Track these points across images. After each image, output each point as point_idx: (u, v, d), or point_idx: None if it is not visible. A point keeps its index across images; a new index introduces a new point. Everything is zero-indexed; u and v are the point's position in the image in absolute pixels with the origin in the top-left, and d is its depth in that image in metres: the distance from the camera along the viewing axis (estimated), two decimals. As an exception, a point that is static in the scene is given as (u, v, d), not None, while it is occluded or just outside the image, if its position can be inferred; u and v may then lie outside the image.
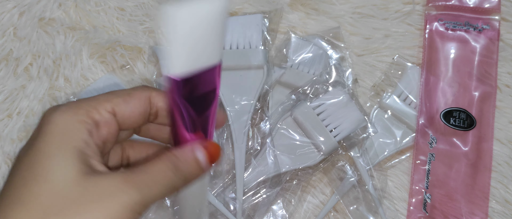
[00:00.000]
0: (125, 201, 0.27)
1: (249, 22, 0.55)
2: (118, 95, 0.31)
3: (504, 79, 0.57)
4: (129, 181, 0.28)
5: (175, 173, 0.29)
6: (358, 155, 0.54)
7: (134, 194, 0.27)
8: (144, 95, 0.32)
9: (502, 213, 0.54)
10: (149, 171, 0.29)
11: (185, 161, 0.30)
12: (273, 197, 0.53)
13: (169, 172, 0.29)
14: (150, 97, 0.32)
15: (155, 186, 0.28)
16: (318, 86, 0.54)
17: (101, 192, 0.27)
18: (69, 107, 0.30)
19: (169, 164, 0.30)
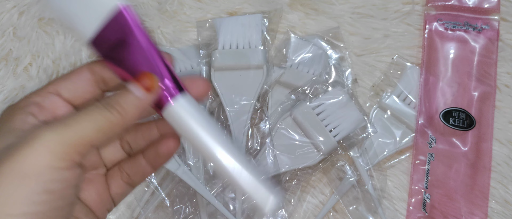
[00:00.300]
0: (43, 143, 0.26)
1: (248, 22, 0.55)
2: (60, 77, 0.31)
3: (503, 79, 0.57)
4: (49, 124, 0.27)
5: (105, 109, 0.28)
6: (358, 155, 0.54)
7: (51, 135, 0.26)
8: (83, 68, 0.32)
9: (502, 213, 0.54)
10: (72, 114, 0.28)
11: (116, 94, 0.29)
12: (272, 197, 0.53)
13: (95, 110, 0.28)
14: (90, 68, 0.32)
15: (76, 125, 0.27)
16: (317, 86, 0.54)
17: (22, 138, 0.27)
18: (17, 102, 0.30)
19: (96, 103, 0.29)
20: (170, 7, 0.58)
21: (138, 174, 0.35)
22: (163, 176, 0.54)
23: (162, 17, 0.58)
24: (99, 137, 0.28)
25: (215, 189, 0.53)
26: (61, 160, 0.26)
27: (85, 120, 0.28)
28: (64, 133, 0.27)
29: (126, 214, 0.54)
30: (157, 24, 0.58)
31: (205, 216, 0.53)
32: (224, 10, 0.58)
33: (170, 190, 0.54)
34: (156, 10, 0.58)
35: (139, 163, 0.34)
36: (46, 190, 0.26)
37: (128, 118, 0.29)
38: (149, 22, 0.58)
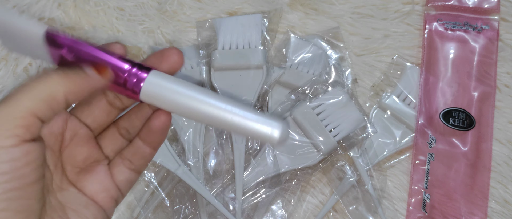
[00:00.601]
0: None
1: (248, 22, 0.55)
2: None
3: (503, 79, 0.57)
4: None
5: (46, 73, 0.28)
6: (358, 155, 0.54)
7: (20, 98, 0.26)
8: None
9: (501, 213, 0.54)
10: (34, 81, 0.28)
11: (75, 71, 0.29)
12: (272, 197, 0.53)
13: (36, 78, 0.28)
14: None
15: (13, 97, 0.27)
16: (317, 86, 0.54)
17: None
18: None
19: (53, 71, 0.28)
20: (170, 7, 0.58)
21: (138, 157, 0.34)
22: (163, 176, 0.54)
23: (162, 17, 0.58)
24: (41, 107, 0.27)
25: (215, 189, 0.53)
26: (5, 138, 0.26)
27: (22, 91, 0.27)
28: (1, 109, 0.26)
29: (126, 214, 0.54)
30: (157, 24, 0.58)
31: (205, 216, 0.53)
32: (224, 10, 0.58)
33: (170, 190, 0.54)
34: (156, 10, 0.58)
35: (137, 146, 0.34)
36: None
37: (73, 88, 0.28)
38: (149, 22, 0.58)
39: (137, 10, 0.58)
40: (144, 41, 0.57)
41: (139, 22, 0.58)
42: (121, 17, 0.58)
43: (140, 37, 0.58)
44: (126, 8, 0.58)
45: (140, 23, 0.58)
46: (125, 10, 0.58)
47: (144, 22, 0.58)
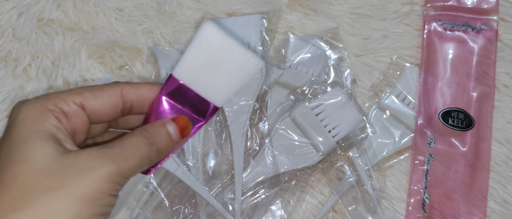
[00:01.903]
0: (103, 173, 0.28)
1: (247, 23, 0.55)
2: (89, 90, 0.32)
3: (502, 79, 0.57)
4: (105, 155, 0.29)
5: (149, 146, 0.31)
6: (357, 156, 0.54)
7: (111, 166, 0.29)
8: (115, 90, 0.33)
9: (501, 213, 0.54)
10: (123, 145, 0.30)
11: (157, 133, 0.32)
12: (271, 197, 0.53)
13: (142, 145, 0.31)
14: (122, 91, 0.33)
15: (130, 158, 0.30)
16: (316, 87, 0.54)
17: (80, 166, 0.28)
18: (38, 99, 0.31)
19: (142, 138, 0.31)
20: (169, 8, 0.58)
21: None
22: (162, 176, 0.54)
23: (161, 17, 0.58)
24: (138, 170, 0.31)
25: (214, 190, 0.53)
26: (116, 188, 0.29)
27: (136, 155, 0.30)
28: (122, 166, 0.29)
29: (125, 214, 0.54)
30: (156, 25, 0.58)
31: (204, 217, 0.53)
32: (223, 10, 0.58)
33: (169, 190, 0.54)
34: (155, 10, 0.58)
35: None
36: (101, 213, 0.29)
37: (161, 158, 0.33)
38: (148, 23, 0.58)
39: (136, 10, 0.58)
40: (143, 42, 0.57)
41: (138, 22, 0.58)
42: (120, 18, 0.58)
43: (139, 38, 0.58)
44: (125, 9, 0.58)
45: (139, 24, 0.58)
46: (124, 11, 0.58)
47: (143, 23, 0.58)
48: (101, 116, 0.33)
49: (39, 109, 0.30)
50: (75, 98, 0.32)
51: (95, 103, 0.32)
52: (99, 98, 0.32)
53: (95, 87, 0.33)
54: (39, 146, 0.28)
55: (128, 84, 0.34)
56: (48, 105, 0.31)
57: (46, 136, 0.29)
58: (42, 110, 0.30)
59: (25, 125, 0.29)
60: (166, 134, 0.32)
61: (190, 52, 0.32)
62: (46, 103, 0.31)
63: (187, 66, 0.32)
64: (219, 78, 0.32)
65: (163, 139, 0.32)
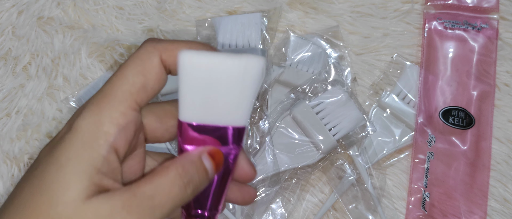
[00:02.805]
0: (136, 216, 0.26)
1: (248, 21, 0.55)
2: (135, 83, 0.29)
3: (503, 78, 0.57)
4: (129, 207, 0.26)
5: (184, 188, 0.28)
6: (357, 154, 0.54)
7: (146, 210, 0.26)
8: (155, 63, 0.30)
9: (501, 211, 0.54)
10: (154, 192, 0.27)
11: (196, 172, 0.29)
12: (272, 195, 0.53)
13: (176, 189, 0.28)
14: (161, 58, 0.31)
15: (160, 209, 0.27)
16: (317, 85, 0.54)
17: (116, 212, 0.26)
18: (94, 111, 0.28)
19: (178, 178, 0.28)
20: (169, 6, 0.58)
21: None
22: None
23: (161, 16, 0.58)
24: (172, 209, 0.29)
25: (214, 188, 0.53)
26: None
27: (167, 204, 0.28)
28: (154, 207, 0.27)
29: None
30: (157, 23, 0.58)
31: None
32: (223, 9, 0.58)
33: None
34: (155, 9, 0.58)
35: None
36: None
37: (194, 195, 0.30)
38: (148, 21, 0.58)
39: (137, 9, 0.58)
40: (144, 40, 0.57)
41: (138, 21, 0.58)
42: (121, 16, 0.58)
43: (140, 36, 0.58)
44: (125, 7, 0.58)
45: (140, 22, 0.58)
46: (124, 9, 0.58)
47: (144, 21, 0.58)
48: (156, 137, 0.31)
49: (93, 132, 0.27)
50: (130, 103, 0.28)
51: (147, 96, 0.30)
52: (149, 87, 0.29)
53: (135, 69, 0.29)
54: (71, 184, 0.26)
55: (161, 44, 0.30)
56: (103, 124, 0.28)
57: (86, 171, 0.26)
58: (96, 134, 0.27)
59: (71, 150, 0.27)
60: (204, 171, 0.30)
61: (182, 91, 0.29)
62: (103, 119, 0.28)
63: (187, 105, 0.29)
64: (225, 99, 0.29)
65: (201, 177, 0.29)
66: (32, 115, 0.56)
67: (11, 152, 0.55)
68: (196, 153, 0.30)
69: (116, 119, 0.28)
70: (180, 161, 0.29)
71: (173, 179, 0.28)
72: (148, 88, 0.29)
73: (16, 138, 0.55)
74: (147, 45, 0.30)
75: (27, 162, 0.55)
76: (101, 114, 0.28)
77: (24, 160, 0.55)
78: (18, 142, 0.55)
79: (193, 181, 0.29)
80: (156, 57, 0.29)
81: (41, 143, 0.55)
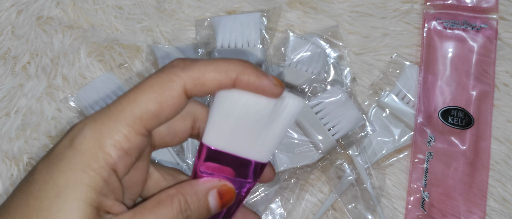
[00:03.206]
0: None
1: (247, 21, 0.55)
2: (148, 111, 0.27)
3: (502, 78, 0.57)
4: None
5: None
6: (356, 154, 0.54)
7: None
8: (189, 117, 0.29)
9: (500, 211, 0.54)
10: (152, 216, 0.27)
11: (197, 209, 0.29)
12: (271, 195, 0.53)
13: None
14: (194, 118, 0.30)
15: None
16: (316, 85, 0.54)
17: None
18: (97, 130, 0.27)
19: (179, 215, 0.28)
20: (169, 6, 0.58)
21: None
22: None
23: (160, 15, 0.58)
24: None
25: (213, 188, 0.53)
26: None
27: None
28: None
29: (125, 212, 0.54)
30: (156, 23, 0.58)
31: (204, 215, 0.53)
32: (223, 8, 0.58)
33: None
34: (154, 8, 0.58)
35: None
36: None
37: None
38: (147, 21, 0.58)
39: (136, 8, 0.58)
40: (143, 40, 0.57)
41: (137, 20, 0.58)
42: (120, 15, 0.58)
43: (139, 36, 0.58)
44: (124, 6, 0.58)
45: (139, 22, 0.58)
46: (123, 9, 0.58)
47: (143, 21, 0.58)
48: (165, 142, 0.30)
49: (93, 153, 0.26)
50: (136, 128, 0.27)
51: (166, 133, 0.29)
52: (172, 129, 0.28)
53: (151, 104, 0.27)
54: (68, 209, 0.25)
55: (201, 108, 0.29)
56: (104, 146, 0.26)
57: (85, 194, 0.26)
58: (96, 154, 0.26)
59: (70, 171, 0.26)
60: (206, 209, 0.29)
61: (213, 116, 0.28)
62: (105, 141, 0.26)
63: (215, 130, 0.28)
64: (255, 133, 0.28)
65: (200, 214, 0.29)
66: (31, 114, 0.56)
67: (10, 152, 0.55)
68: (204, 188, 0.29)
69: (119, 143, 0.26)
70: (185, 191, 0.28)
71: (176, 213, 0.28)
72: (161, 117, 0.27)
73: (15, 137, 0.55)
74: (171, 70, 0.27)
75: (26, 162, 0.55)
76: (103, 135, 0.26)
77: (24, 159, 0.55)
78: (17, 141, 0.55)
79: (191, 217, 0.28)
80: (179, 88, 0.27)
81: (40, 143, 0.55)
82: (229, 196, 0.29)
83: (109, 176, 0.26)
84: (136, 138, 0.27)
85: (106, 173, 0.26)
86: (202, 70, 0.27)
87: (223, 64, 0.27)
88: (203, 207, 0.29)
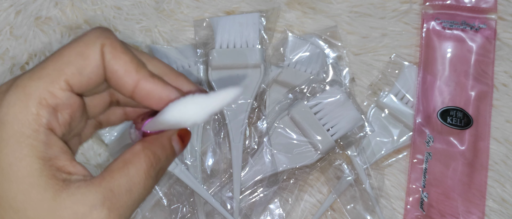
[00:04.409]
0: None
1: (246, 21, 0.55)
2: (71, 63, 0.26)
3: (501, 78, 0.57)
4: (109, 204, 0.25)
5: (156, 177, 0.28)
6: (355, 154, 0.54)
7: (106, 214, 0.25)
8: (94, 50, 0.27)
9: (499, 211, 0.54)
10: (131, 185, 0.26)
11: (166, 158, 0.29)
12: (270, 196, 0.53)
13: (150, 181, 0.27)
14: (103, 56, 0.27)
15: (137, 201, 0.27)
16: (315, 85, 0.54)
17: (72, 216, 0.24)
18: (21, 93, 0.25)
19: (152, 170, 0.27)
20: (167, 6, 0.58)
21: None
22: (160, 175, 0.54)
23: (159, 16, 0.58)
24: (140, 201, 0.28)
25: (212, 188, 0.53)
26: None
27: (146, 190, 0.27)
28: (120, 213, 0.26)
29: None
30: (155, 23, 0.58)
31: (203, 216, 0.53)
32: (222, 9, 0.58)
33: (168, 189, 0.54)
34: (153, 9, 0.58)
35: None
36: None
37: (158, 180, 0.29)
38: (146, 21, 0.58)
39: (135, 9, 0.58)
40: (142, 40, 0.57)
41: (136, 21, 0.58)
42: (119, 16, 0.58)
43: (138, 36, 0.58)
44: (123, 7, 0.58)
45: (138, 22, 0.58)
46: (122, 9, 0.58)
47: (142, 21, 0.58)
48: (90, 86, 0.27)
49: (23, 120, 0.25)
50: (59, 82, 0.26)
51: (81, 80, 0.26)
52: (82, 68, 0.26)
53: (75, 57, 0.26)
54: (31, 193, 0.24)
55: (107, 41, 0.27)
56: (33, 108, 0.25)
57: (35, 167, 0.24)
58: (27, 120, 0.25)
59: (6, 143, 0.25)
60: (173, 154, 0.29)
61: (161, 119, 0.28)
62: (31, 106, 0.25)
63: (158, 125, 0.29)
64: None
65: (169, 162, 0.29)
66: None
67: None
68: (166, 136, 0.29)
69: (45, 100, 0.25)
70: (151, 147, 0.28)
71: (147, 170, 0.27)
72: (83, 73, 0.26)
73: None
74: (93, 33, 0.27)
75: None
76: (28, 96, 0.25)
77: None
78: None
79: (163, 168, 0.29)
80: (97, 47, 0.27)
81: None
82: (188, 136, 0.30)
83: (48, 138, 0.25)
84: (62, 94, 0.26)
85: (43, 135, 0.25)
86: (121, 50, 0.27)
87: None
88: (171, 154, 0.29)
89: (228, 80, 0.54)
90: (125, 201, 0.26)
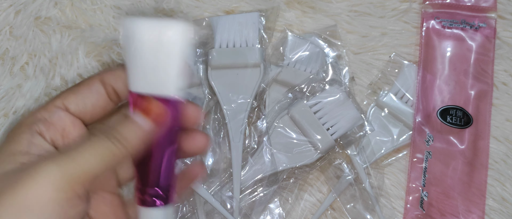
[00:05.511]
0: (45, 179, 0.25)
1: (245, 21, 0.55)
2: (69, 90, 0.31)
3: (500, 77, 0.57)
4: (48, 158, 0.26)
5: (107, 138, 0.28)
6: (355, 153, 0.54)
7: (53, 169, 0.26)
8: (95, 80, 0.31)
9: (499, 210, 0.54)
10: (76, 144, 0.28)
11: (119, 124, 0.29)
12: (270, 195, 0.53)
13: (98, 140, 0.28)
14: (101, 80, 0.31)
15: (80, 157, 0.27)
16: (314, 85, 0.54)
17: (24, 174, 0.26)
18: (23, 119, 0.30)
19: (98, 133, 0.28)
20: (167, 6, 0.58)
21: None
22: (160, 175, 0.54)
23: (159, 15, 0.58)
24: (102, 169, 0.28)
25: (212, 188, 0.53)
26: (64, 193, 0.26)
27: (88, 152, 0.27)
28: (67, 166, 0.26)
29: (124, 213, 0.54)
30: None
31: (203, 215, 0.53)
32: (221, 8, 0.58)
33: (168, 189, 0.54)
34: (153, 8, 0.58)
35: None
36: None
37: (130, 149, 0.29)
38: (146, 21, 0.58)
39: (134, 8, 0.58)
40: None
41: (136, 20, 0.58)
42: (118, 15, 0.58)
43: (137, 36, 0.58)
44: (123, 6, 0.58)
45: (137, 22, 0.58)
46: (122, 9, 0.58)
47: (141, 21, 0.58)
48: (90, 110, 0.31)
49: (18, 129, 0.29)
50: (55, 102, 0.31)
51: (77, 100, 0.30)
52: (79, 92, 0.30)
53: (75, 85, 0.31)
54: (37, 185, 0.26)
55: (106, 71, 0.32)
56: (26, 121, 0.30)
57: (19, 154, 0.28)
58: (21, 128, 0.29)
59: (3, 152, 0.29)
60: (129, 121, 0.29)
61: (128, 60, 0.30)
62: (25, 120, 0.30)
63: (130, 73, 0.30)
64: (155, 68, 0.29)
65: (126, 127, 0.29)
66: (30, 115, 0.56)
67: (9, 152, 0.55)
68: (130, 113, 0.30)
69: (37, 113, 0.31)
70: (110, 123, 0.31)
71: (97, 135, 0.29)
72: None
73: (14, 138, 0.55)
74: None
75: (25, 162, 0.55)
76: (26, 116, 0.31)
77: (22, 160, 0.55)
78: (15, 142, 0.55)
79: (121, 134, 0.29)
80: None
81: (38, 143, 0.55)
82: (152, 103, 0.30)
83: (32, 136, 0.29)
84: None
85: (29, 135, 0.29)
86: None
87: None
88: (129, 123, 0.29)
89: (228, 80, 0.54)
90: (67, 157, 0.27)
